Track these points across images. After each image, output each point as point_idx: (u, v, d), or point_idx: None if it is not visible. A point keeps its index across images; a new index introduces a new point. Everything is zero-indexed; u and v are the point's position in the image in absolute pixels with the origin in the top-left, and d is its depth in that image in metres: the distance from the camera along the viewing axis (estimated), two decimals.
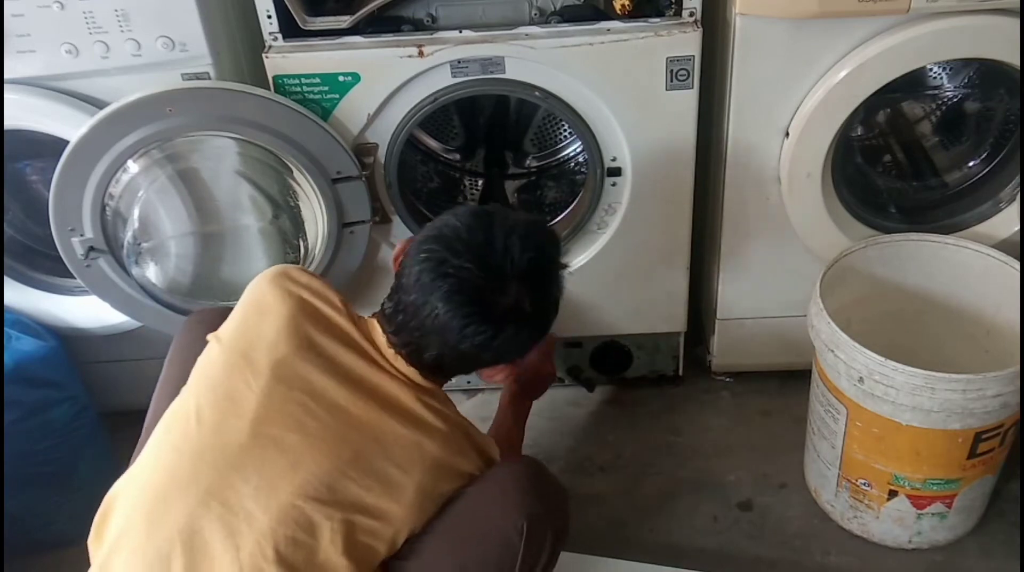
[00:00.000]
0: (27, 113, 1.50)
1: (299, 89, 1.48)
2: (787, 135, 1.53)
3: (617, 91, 1.48)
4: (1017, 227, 1.64)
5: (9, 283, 1.71)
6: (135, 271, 1.52)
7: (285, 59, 1.46)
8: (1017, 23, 1.40)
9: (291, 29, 1.46)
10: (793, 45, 1.44)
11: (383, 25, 1.48)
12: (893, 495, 1.50)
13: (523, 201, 1.85)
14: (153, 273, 1.53)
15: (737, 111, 1.53)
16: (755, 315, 1.79)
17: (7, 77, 1.46)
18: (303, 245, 1.57)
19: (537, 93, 1.49)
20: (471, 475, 1.18)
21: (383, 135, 1.53)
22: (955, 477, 1.46)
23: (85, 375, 1.73)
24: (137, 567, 1.07)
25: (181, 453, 1.11)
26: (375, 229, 1.61)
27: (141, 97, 1.44)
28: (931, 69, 1.71)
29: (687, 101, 1.50)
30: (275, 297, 1.17)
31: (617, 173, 1.58)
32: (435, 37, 1.46)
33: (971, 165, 1.73)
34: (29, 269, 1.75)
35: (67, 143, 1.47)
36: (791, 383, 1.82)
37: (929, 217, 1.70)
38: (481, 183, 1.86)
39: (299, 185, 1.53)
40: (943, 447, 1.41)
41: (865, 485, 1.52)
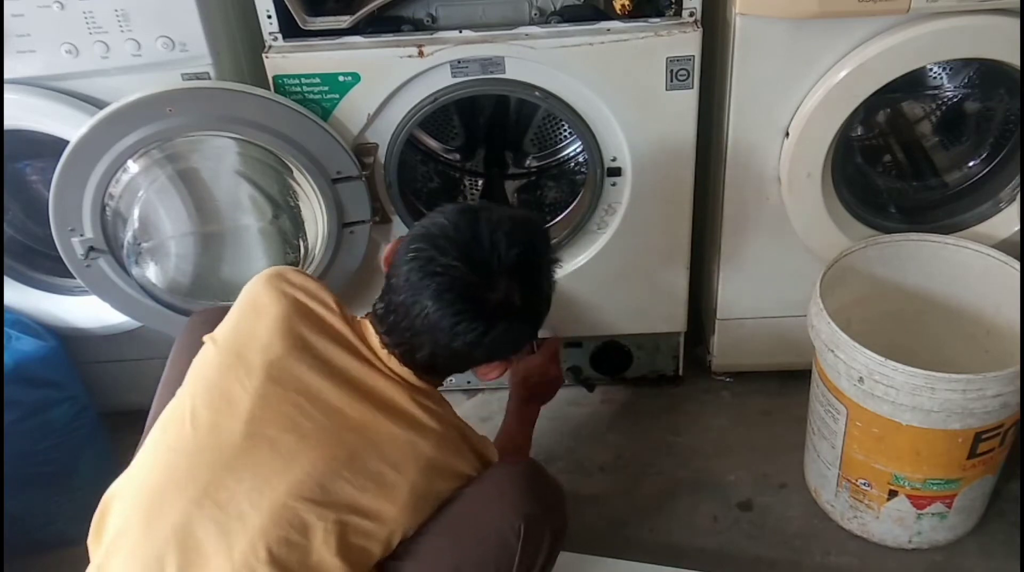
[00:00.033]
0: (27, 113, 1.50)
1: (299, 89, 1.48)
2: (787, 135, 1.53)
3: (617, 91, 1.48)
4: (1017, 227, 1.64)
5: (9, 283, 1.71)
6: (135, 271, 1.52)
7: (285, 59, 1.46)
8: (1017, 23, 1.40)
9: (291, 29, 1.46)
10: (793, 45, 1.44)
11: (383, 25, 1.48)
12: (893, 495, 1.50)
13: (523, 201, 1.85)
14: (153, 273, 1.53)
15: (737, 111, 1.53)
16: (755, 315, 1.79)
17: (7, 77, 1.46)
18: (303, 245, 1.57)
19: (537, 93, 1.49)
20: (468, 476, 1.18)
21: (383, 135, 1.53)
22: (955, 477, 1.46)
23: (85, 375, 1.73)
24: (133, 567, 1.07)
25: (176, 453, 1.11)
26: (375, 229, 1.61)
27: (141, 97, 1.44)
28: (931, 69, 1.71)
29: (687, 101, 1.50)
30: (270, 298, 1.17)
31: (617, 173, 1.58)
32: (435, 37, 1.46)
33: (971, 165, 1.73)
34: (29, 269, 1.75)
35: (67, 143, 1.47)
36: (791, 383, 1.81)
37: (929, 217, 1.70)
38: (481, 183, 1.86)
39: (299, 185, 1.53)
40: (943, 447, 1.41)
41: (865, 485, 1.52)
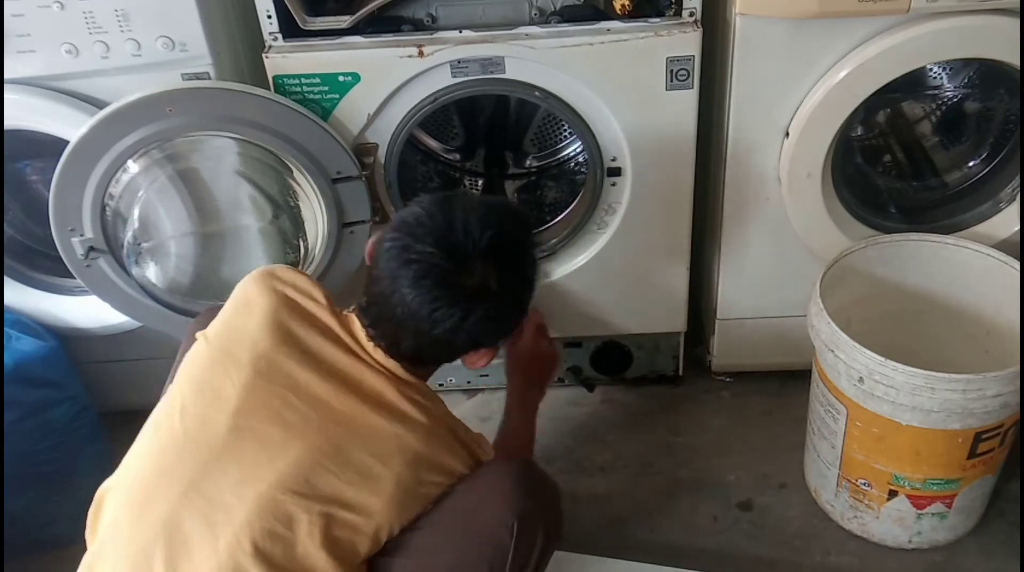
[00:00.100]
0: (27, 113, 1.50)
1: (299, 89, 1.48)
2: (787, 135, 1.53)
3: (617, 91, 1.48)
4: (1017, 227, 1.64)
5: (9, 283, 1.71)
6: (135, 271, 1.52)
7: (285, 59, 1.46)
8: (1017, 23, 1.40)
9: (291, 29, 1.46)
10: (793, 45, 1.44)
11: (383, 25, 1.48)
12: (893, 495, 1.50)
13: (523, 201, 1.85)
14: (153, 273, 1.53)
15: (737, 111, 1.53)
16: (755, 315, 1.79)
17: (7, 77, 1.46)
18: (303, 245, 1.57)
19: (537, 93, 1.49)
20: (458, 473, 1.17)
21: (383, 135, 1.53)
22: (955, 477, 1.46)
23: (85, 375, 1.73)
24: (123, 559, 1.08)
25: (165, 447, 1.13)
26: (375, 229, 1.60)
27: (141, 97, 1.44)
28: (931, 69, 1.71)
29: (687, 101, 1.50)
30: (258, 294, 1.19)
31: (617, 173, 1.58)
32: (435, 37, 1.46)
33: (971, 165, 1.73)
34: (29, 269, 1.75)
35: (67, 143, 1.47)
36: (791, 383, 1.81)
37: (929, 217, 1.70)
38: (481, 183, 1.86)
39: (299, 185, 1.53)
40: (943, 447, 1.41)
41: (865, 485, 1.51)
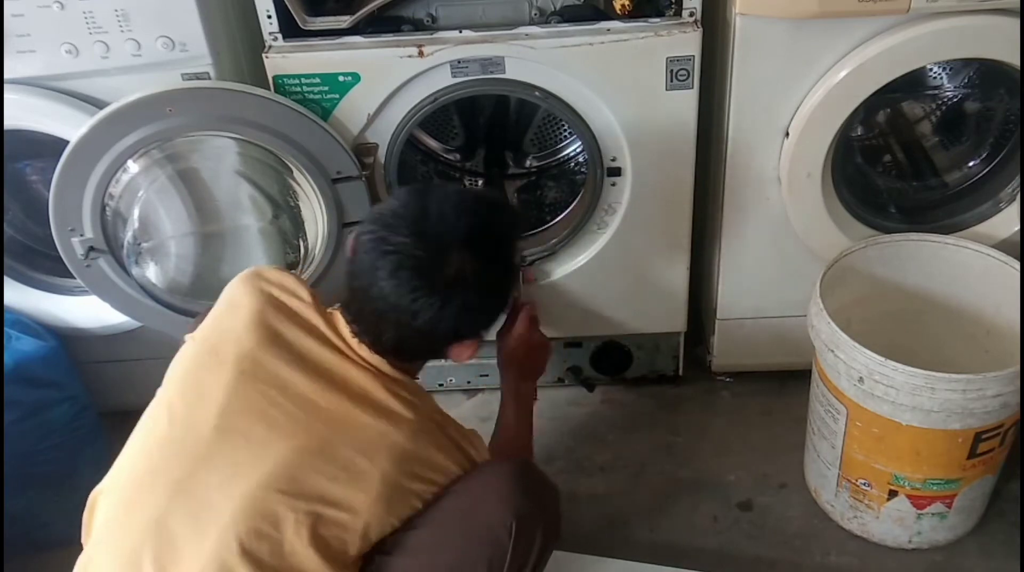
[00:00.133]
0: (27, 113, 1.50)
1: (299, 89, 1.48)
2: (787, 135, 1.53)
3: (617, 91, 1.48)
4: (1017, 227, 1.64)
5: (9, 283, 1.71)
6: (135, 271, 1.52)
7: (285, 59, 1.46)
8: (1017, 23, 1.40)
9: (291, 29, 1.46)
10: (793, 45, 1.44)
11: (383, 25, 1.48)
12: (893, 495, 1.50)
13: (523, 201, 1.85)
14: (153, 273, 1.53)
15: (737, 111, 1.53)
16: (755, 315, 1.79)
17: (7, 77, 1.46)
18: (303, 245, 1.57)
19: (537, 93, 1.49)
20: (449, 470, 1.17)
21: (383, 135, 1.53)
22: (955, 477, 1.46)
23: (85, 375, 1.74)
24: (113, 560, 1.09)
25: (153, 448, 1.14)
26: None
27: (141, 97, 1.44)
28: (931, 69, 1.71)
29: (687, 101, 1.50)
30: (244, 295, 1.20)
31: (617, 173, 1.58)
32: (435, 37, 1.46)
33: (971, 165, 1.73)
34: (29, 269, 1.75)
35: (67, 143, 1.47)
36: (791, 383, 1.81)
37: (929, 217, 1.70)
38: (481, 183, 1.86)
39: (299, 185, 1.53)
40: (943, 447, 1.41)
41: (865, 485, 1.51)
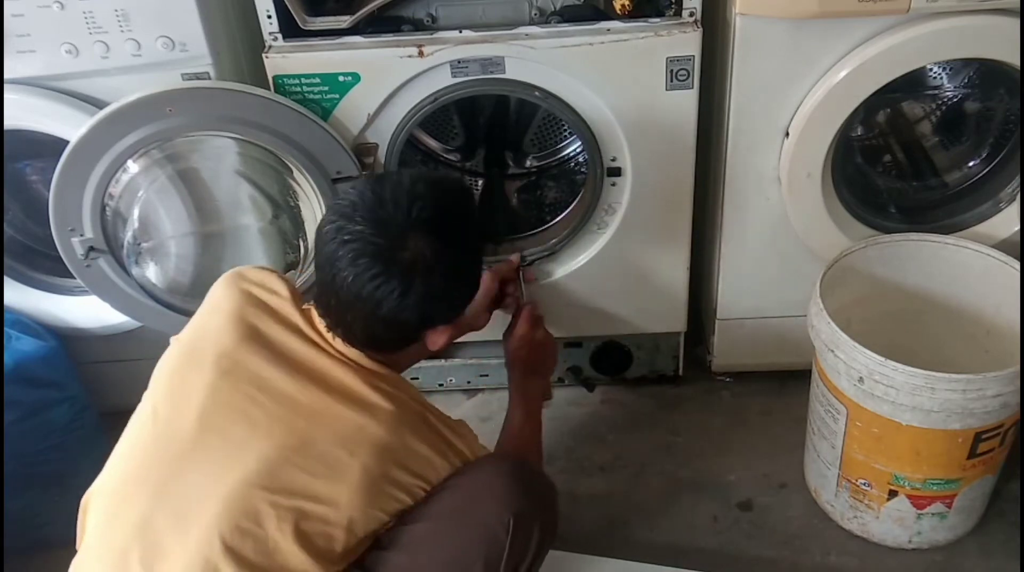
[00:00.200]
0: (27, 113, 1.50)
1: (299, 89, 1.48)
2: (787, 135, 1.53)
3: (617, 91, 1.48)
4: (1017, 227, 1.64)
5: (9, 283, 1.71)
6: (135, 271, 1.52)
7: (285, 59, 1.46)
8: (1017, 23, 1.40)
9: (291, 29, 1.46)
10: (793, 45, 1.44)
11: (383, 25, 1.48)
12: (893, 495, 1.50)
13: (523, 201, 1.85)
14: (153, 273, 1.53)
15: (737, 111, 1.53)
16: (755, 315, 1.79)
17: (7, 77, 1.46)
18: (303, 245, 1.57)
19: (537, 93, 1.49)
20: (432, 461, 1.16)
21: (383, 135, 1.53)
22: (955, 477, 1.46)
23: (85, 375, 1.74)
24: (102, 562, 1.09)
25: (139, 449, 1.15)
26: None
27: (141, 97, 1.44)
28: (931, 69, 1.71)
29: (687, 101, 1.50)
30: (224, 294, 1.21)
31: (617, 173, 1.58)
32: (435, 37, 1.46)
33: (971, 165, 1.73)
34: (29, 269, 1.75)
35: (67, 143, 1.47)
36: (791, 383, 1.81)
37: (929, 217, 1.70)
38: (481, 183, 1.86)
39: (299, 185, 1.52)
40: (943, 447, 1.41)
41: (865, 485, 1.51)
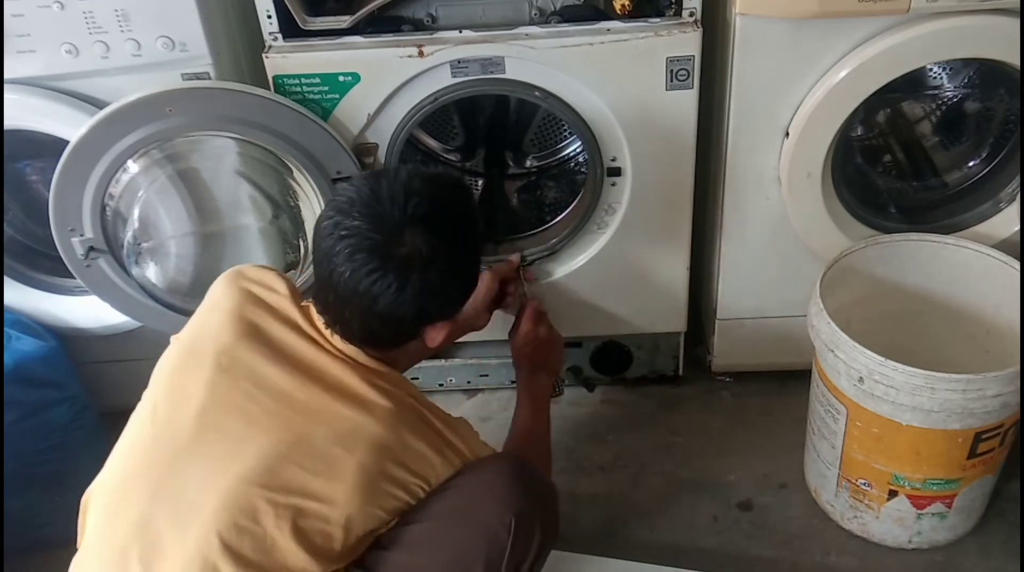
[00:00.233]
0: (27, 113, 1.50)
1: (299, 89, 1.48)
2: (787, 135, 1.53)
3: (617, 91, 1.48)
4: (1017, 227, 1.64)
5: (9, 283, 1.71)
6: (135, 271, 1.52)
7: (285, 59, 1.46)
8: (1017, 23, 1.40)
9: (291, 29, 1.46)
10: (793, 45, 1.44)
11: (383, 25, 1.48)
12: (893, 495, 1.50)
13: (523, 201, 1.85)
14: (153, 273, 1.53)
15: (737, 111, 1.53)
16: (755, 315, 1.79)
17: (7, 77, 1.46)
18: (303, 245, 1.57)
19: (537, 93, 1.49)
20: (430, 459, 1.16)
21: (383, 135, 1.53)
22: (955, 477, 1.46)
23: (85, 375, 1.74)
24: (102, 561, 1.10)
25: (138, 448, 1.15)
26: None
27: (141, 97, 1.44)
28: (931, 69, 1.71)
29: (687, 101, 1.50)
30: (224, 293, 1.22)
31: (617, 173, 1.58)
32: (435, 37, 1.46)
33: (971, 165, 1.73)
34: (29, 269, 1.75)
35: (67, 143, 1.47)
36: (791, 383, 1.81)
37: (929, 217, 1.70)
38: (481, 183, 1.86)
39: (299, 185, 1.53)
40: (943, 447, 1.41)
41: (865, 485, 1.51)
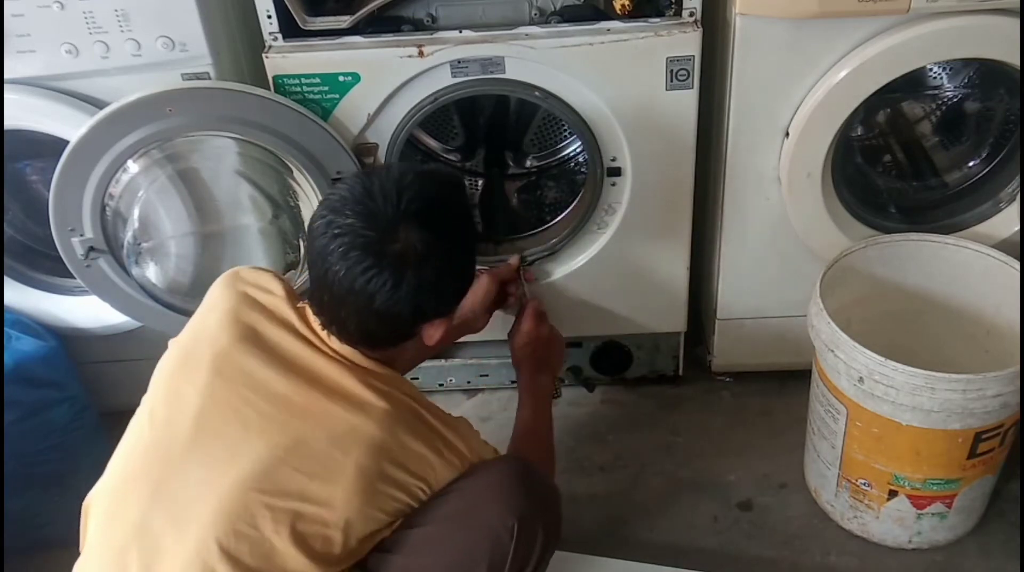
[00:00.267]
0: (27, 113, 1.50)
1: (299, 89, 1.48)
2: (787, 135, 1.53)
3: (617, 91, 1.48)
4: (1017, 227, 1.64)
5: (9, 283, 1.71)
6: (135, 271, 1.52)
7: (285, 59, 1.46)
8: (1017, 23, 1.40)
9: (291, 29, 1.46)
10: (793, 45, 1.44)
11: (383, 25, 1.48)
12: (893, 495, 1.50)
13: (523, 201, 1.85)
14: (153, 273, 1.53)
15: (737, 111, 1.53)
16: (755, 315, 1.79)
17: (7, 77, 1.46)
18: (303, 245, 1.57)
19: (537, 93, 1.49)
20: (429, 460, 1.15)
21: (383, 135, 1.53)
22: (955, 477, 1.46)
23: (85, 375, 1.74)
24: (102, 560, 1.10)
25: (137, 451, 1.15)
26: None
27: (141, 97, 1.44)
28: (931, 69, 1.71)
29: (687, 101, 1.50)
30: (221, 295, 1.22)
31: (617, 173, 1.58)
32: (435, 37, 1.46)
33: (971, 165, 1.73)
34: (29, 269, 1.75)
35: (67, 143, 1.47)
36: (791, 383, 1.81)
37: (929, 217, 1.70)
38: (481, 183, 1.86)
39: (299, 185, 1.53)
40: (943, 447, 1.41)
41: (865, 485, 1.51)
